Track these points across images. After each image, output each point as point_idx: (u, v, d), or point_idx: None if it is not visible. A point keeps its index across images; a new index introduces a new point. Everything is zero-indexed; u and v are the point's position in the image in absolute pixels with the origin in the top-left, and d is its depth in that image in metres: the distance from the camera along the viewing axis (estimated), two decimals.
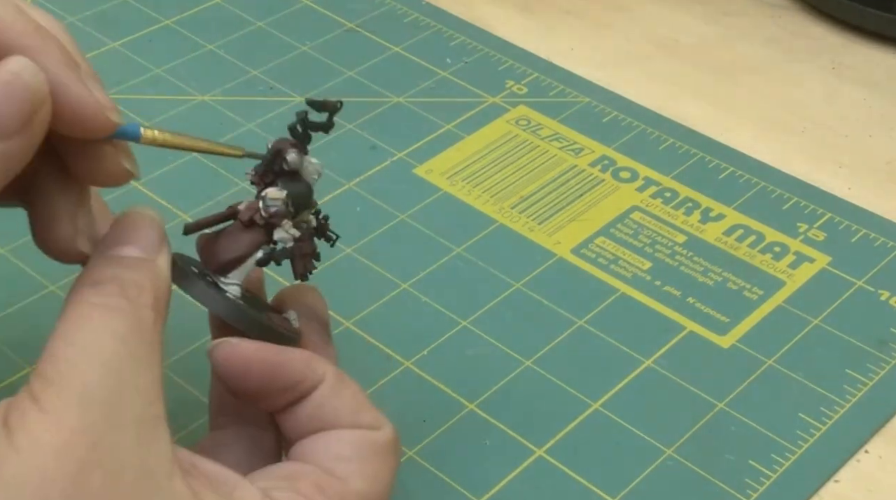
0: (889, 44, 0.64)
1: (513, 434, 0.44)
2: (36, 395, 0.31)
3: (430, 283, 0.50)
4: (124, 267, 0.34)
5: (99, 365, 0.32)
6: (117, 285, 0.33)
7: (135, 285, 0.34)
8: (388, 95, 0.59)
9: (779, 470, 0.43)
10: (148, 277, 0.34)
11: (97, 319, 0.33)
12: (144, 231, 0.35)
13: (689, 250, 0.52)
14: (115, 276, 0.34)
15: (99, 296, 0.33)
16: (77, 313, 0.33)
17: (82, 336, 0.32)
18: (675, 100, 0.60)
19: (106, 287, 0.33)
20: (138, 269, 0.34)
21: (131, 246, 0.35)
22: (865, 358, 0.47)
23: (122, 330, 0.33)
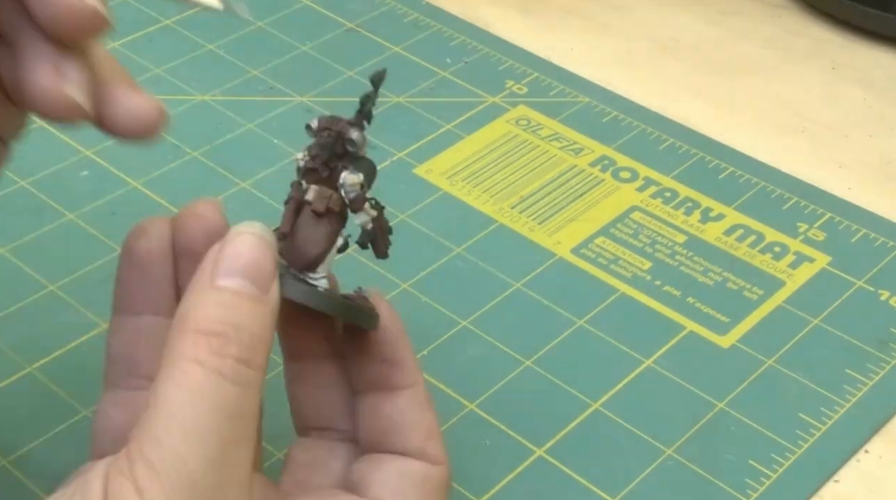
0: (889, 44, 0.64)
1: (513, 434, 0.44)
2: (141, 485, 0.30)
3: (430, 283, 0.50)
4: (240, 312, 0.32)
5: (209, 460, 0.31)
6: (234, 343, 0.32)
7: (250, 341, 0.32)
8: (388, 95, 0.59)
9: (779, 470, 0.43)
10: (264, 326, 0.33)
11: (210, 395, 0.31)
12: (259, 259, 0.33)
13: (689, 250, 0.52)
14: (232, 324, 0.32)
15: (213, 357, 0.31)
16: (190, 380, 0.31)
17: (193, 419, 0.31)
18: (675, 100, 0.60)
19: (220, 344, 0.32)
20: (254, 315, 0.33)
21: (246, 280, 0.33)
22: (865, 358, 0.47)
23: (234, 407, 0.31)
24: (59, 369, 0.46)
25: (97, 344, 0.47)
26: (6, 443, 0.43)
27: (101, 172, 0.54)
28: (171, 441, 0.31)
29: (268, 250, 0.34)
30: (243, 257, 0.33)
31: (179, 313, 0.33)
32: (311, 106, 0.58)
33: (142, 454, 0.31)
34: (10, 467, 0.43)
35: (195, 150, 0.55)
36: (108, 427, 0.37)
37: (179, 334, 0.32)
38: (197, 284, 0.33)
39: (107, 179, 0.54)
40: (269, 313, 0.33)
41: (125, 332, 0.37)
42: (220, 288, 0.33)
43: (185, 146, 0.56)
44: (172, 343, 0.32)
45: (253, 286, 0.33)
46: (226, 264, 0.33)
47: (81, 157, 0.55)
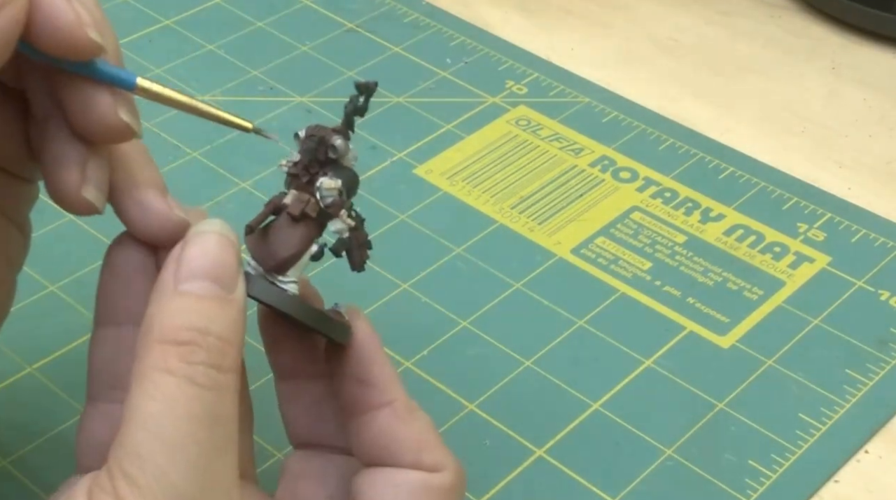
0: (889, 44, 0.64)
1: (513, 434, 0.44)
2: (122, 498, 0.30)
3: (430, 283, 0.50)
4: (207, 316, 0.32)
5: (189, 469, 0.30)
6: (202, 349, 0.31)
7: (220, 344, 0.32)
8: (388, 95, 0.59)
9: (779, 470, 0.43)
10: (232, 327, 0.32)
11: (184, 403, 0.31)
12: (223, 258, 0.33)
13: (689, 250, 0.52)
14: (197, 329, 0.32)
15: (183, 364, 0.31)
16: (163, 392, 0.31)
17: (169, 430, 0.30)
18: (675, 100, 0.60)
19: (189, 352, 0.31)
20: (222, 317, 0.32)
21: (209, 281, 0.32)
22: (865, 358, 0.47)
23: (210, 415, 0.31)
24: (59, 369, 0.46)
25: None
26: (6, 443, 0.43)
27: None
28: (151, 454, 0.30)
29: (230, 247, 0.33)
30: (205, 258, 0.33)
31: (145, 322, 0.32)
32: (311, 106, 0.58)
33: (122, 469, 0.30)
34: (10, 467, 0.43)
35: (195, 150, 0.55)
36: (92, 441, 0.36)
37: (146, 346, 0.32)
38: (159, 289, 0.33)
39: None
40: (235, 312, 0.33)
41: (106, 343, 0.36)
42: (182, 293, 0.32)
43: (185, 146, 0.56)
44: (141, 355, 0.32)
45: (217, 287, 0.33)
46: (187, 267, 0.33)
47: None
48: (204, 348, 0.32)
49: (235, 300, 0.33)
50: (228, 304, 0.33)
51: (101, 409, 0.36)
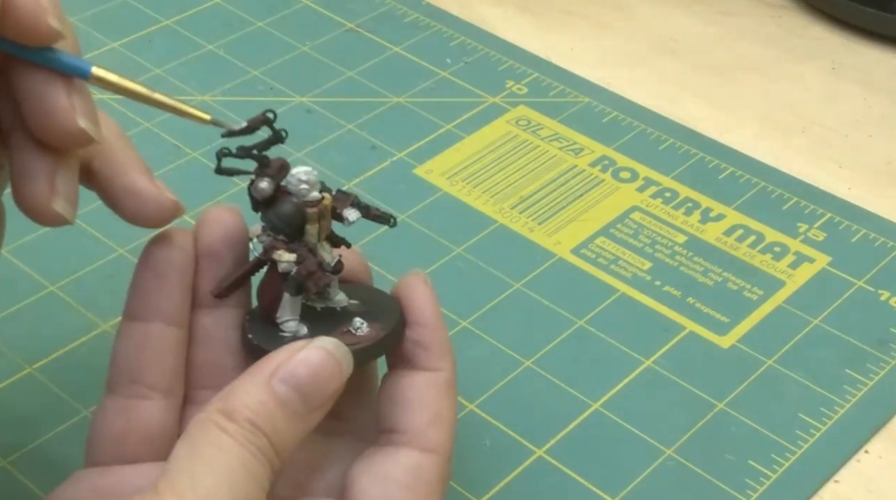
0: (889, 44, 0.64)
1: (513, 434, 0.44)
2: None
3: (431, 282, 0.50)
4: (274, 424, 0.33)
5: None
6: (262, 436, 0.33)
7: (271, 450, 0.33)
8: (388, 95, 0.59)
9: (779, 470, 0.43)
10: (289, 442, 0.34)
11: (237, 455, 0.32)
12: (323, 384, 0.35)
13: (689, 250, 0.52)
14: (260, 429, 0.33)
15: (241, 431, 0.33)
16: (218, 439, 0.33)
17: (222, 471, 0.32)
18: (675, 100, 0.60)
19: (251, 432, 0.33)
20: (286, 431, 0.34)
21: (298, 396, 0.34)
22: (865, 358, 0.47)
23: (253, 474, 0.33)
24: (59, 369, 0.46)
25: (97, 344, 0.47)
26: (6, 443, 0.43)
27: None
28: (207, 486, 0.31)
29: (337, 375, 0.35)
30: (309, 373, 0.34)
31: (225, 390, 0.34)
32: (311, 106, 0.58)
33: (174, 490, 0.31)
34: (10, 467, 0.43)
35: (195, 150, 0.55)
36: (105, 434, 0.37)
37: (216, 412, 0.33)
38: (257, 369, 0.34)
39: None
40: (301, 432, 0.34)
41: (133, 337, 0.37)
42: (271, 389, 0.34)
43: (185, 146, 0.56)
44: (206, 417, 0.33)
45: (301, 404, 0.34)
46: (291, 369, 0.34)
47: None
48: (265, 437, 0.33)
49: (309, 421, 0.34)
50: (300, 422, 0.34)
51: (118, 403, 0.37)
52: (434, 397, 0.37)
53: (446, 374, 0.38)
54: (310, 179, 0.37)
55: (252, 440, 0.33)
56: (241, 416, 0.33)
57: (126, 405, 0.37)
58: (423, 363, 0.38)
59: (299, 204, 0.37)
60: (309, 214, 0.37)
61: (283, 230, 0.37)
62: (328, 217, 0.38)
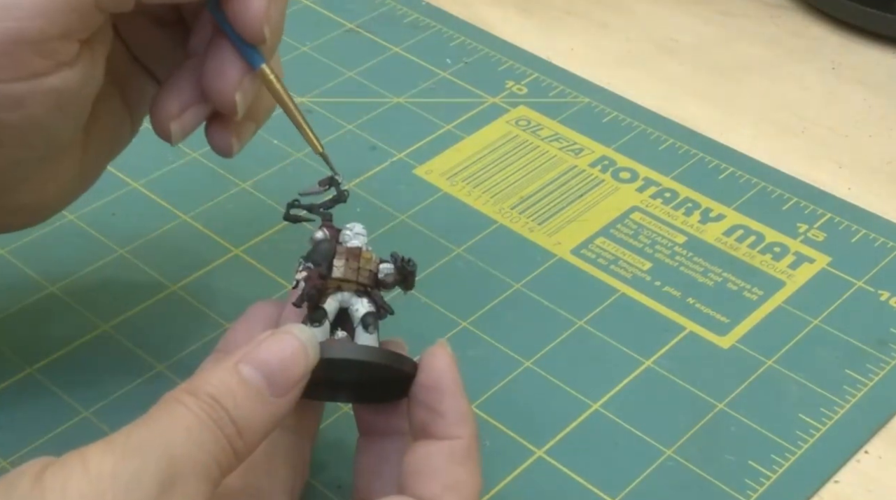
0: (889, 44, 0.64)
1: (513, 434, 0.44)
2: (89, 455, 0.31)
3: (431, 283, 0.50)
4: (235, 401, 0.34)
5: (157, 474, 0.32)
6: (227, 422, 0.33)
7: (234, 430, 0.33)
8: (388, 95, 0.59)
9: (779, 470, 0.43)
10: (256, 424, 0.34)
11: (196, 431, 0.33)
12: (289, 368, 0.35)
13: (689, 251, 0.52)
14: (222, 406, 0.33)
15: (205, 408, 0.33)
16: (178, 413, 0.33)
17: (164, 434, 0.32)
18: (675, 100, 0.60)
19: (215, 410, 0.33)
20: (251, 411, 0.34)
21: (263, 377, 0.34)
22: (865, 358, 0.47)
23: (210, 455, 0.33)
24: (60, 370, 0.46)
25: (97, 345, 0.47)
26: (6, 443, 0.43)
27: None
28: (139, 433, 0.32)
29: (303, 361, 0.35)
30: (274, 358, 0.35)
31: (193, 377, 0.34)
32: (311, 106, 0.58)
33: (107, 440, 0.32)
34: (9, 467, 0.42)
35: (195, 150, 0.55)
36: None
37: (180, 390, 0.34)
38: (225, 357, 0.35)
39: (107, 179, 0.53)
40: (270, 415, 0.34)
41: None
42: (236, 371, 0.34)
43: (185, 147, 0.56)
44: (168, 395, 0.34)
45: (266, 386, 0.34)
46: (256, 354, 0.35)
47: None
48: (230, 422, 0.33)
49: (276, 405, 0.35)
50: (266, 405, 0.34)
51: None
52: (449, 465, 0.37)
53: (464, 441, 0.37)
54: (356, 229, 0.40)
55: (206, 410, 0.33)
56: (201, 391, 0.33)
57: None
58: (440, 431, 0.37)
59: (335, 244, 0.40)
60: (337, 249, 0.39)
61: (316, 261, 0.39)
62: (360, 265, 0.39)
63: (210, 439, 0.33)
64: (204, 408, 0.33)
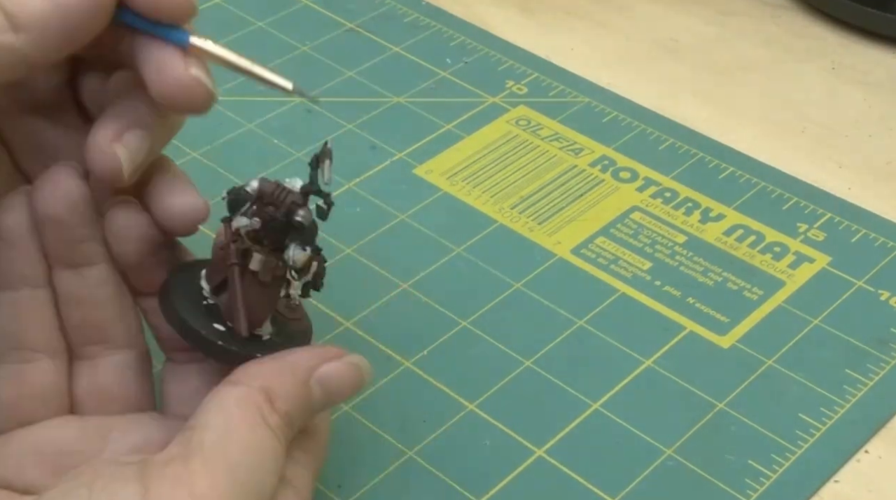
0: (889, 44, 0.64)
1: (513, 434, 0.44)
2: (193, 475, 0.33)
3: (430, 283, 0.50)
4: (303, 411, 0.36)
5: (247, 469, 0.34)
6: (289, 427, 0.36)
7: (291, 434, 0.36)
8: (388, 95, 0.59)
9: (779, 470, 0.43)
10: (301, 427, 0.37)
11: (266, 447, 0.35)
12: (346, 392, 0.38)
13: (689, 250, 0.52)
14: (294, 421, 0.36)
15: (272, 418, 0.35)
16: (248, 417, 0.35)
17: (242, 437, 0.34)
18: (675, 100, 0.60)
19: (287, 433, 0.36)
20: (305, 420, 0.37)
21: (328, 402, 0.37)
22: (865, 358, 0.47)
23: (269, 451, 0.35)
24: None
25: None
26: None
27: None
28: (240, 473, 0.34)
29: (357, 390, 0.38)
30: (344, 386, 0.38)
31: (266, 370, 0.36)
32: (311, 106, 0.58)
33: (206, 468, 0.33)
34: None
35: (195, 150, 0.55)
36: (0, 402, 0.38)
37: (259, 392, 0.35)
38: (298, 370, 0.37)
39: None
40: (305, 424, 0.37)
41: (5, 308, 0.38)
42: (310, 387, 0.37)
43: (185, 146, 0.56)
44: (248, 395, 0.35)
45: (322, 406, 0.37)
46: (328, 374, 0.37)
47: None
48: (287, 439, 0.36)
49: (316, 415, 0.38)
50: (313, 416, 0.37)
51: (6, 370, 0.38)
52: None
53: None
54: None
55: (287, 435, 0.35)
56: (281, 407, 0.35)
57: (14, 371, 0.37)
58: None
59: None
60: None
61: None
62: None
63: (283, 464, 0.35)
64: (285, 432, 0.35)
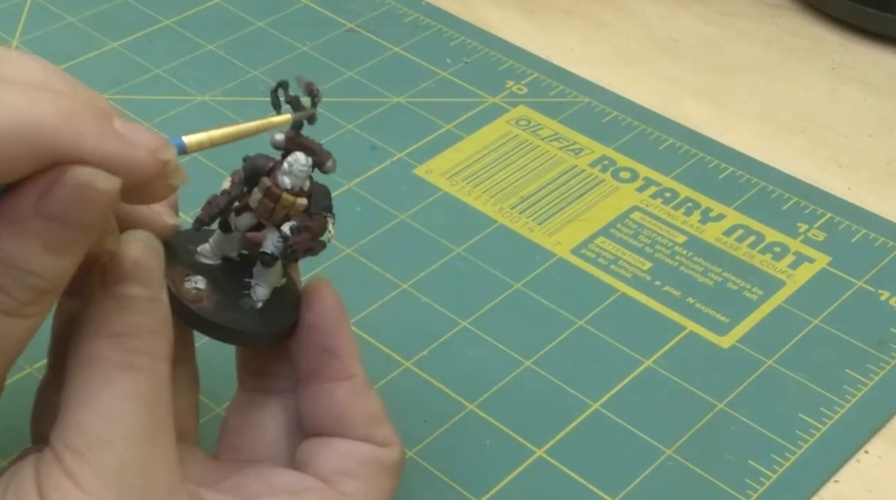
0: (889, 44, 0.64)
1: (513, 434, 0.44)
2: (71, 471, 0.32)
3: (430, 283, 0.50)
4: (137, 313, 0.34)
5: (131, 440, 0.32)
6: (136, 339, 0.34)
7: (151, 335, 0.34)
8: (388, 95, 0.59)
9: (779, 470, 0.43)
10: (160, 321, 0.34)
11: (121, 383, 0.33)
12: (149, 264, 0.35)
13: (689, 250, 0.52)
14: (130, 325, 0.34)
15: (118, 352, 0.33)
16: (99, 375, 0.33)
17: (110, 405, 0.32)
18: (675, 100, 0.60)
19: (124, 341, 0.33)
20: (151, 313, 0.34)
21: (139, 285, 0.34)
22: (865, 358, 0.47)
23: (146, 394, 0.33)
24: None
25: None
26: (6, 443, 0.43)
27: None
28: (92, 428, 0.32)
29: (156, 255, 0.35)
30: (134, 264, 0.35)
31: (79, 321, 0.34)
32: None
33: (66, 443, 0.32)
34: None
35: None
36: (47, 409, 0.38)
37: (82, 340, 0.34)
38: (92, 292, 0.35)
39: None
40: (164, 310, 0.35)
41: (62, 314, 0.38)
42: (115, 295, 0.34)
43: None
44: (76, 349, 0.34)
45: (145, 289, 0.34)
46: (117, 272, 0.34)
47: None
48: (138, 337, 0.34)
49: (162, 301, 0.35)
50: (157, 303, 0.35)
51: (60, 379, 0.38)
52: (362, 402, 0.37)
53: (361, 376, 0.38)
54: (294, 168, 0.37)
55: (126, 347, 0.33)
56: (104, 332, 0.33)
57: None
58: (335, 373, 0.37)
59: (269, 171, 0.38)
60: (261, 181, 0.38)
61: (247, 175, 0.38)
62: (275, 208, 0.37)
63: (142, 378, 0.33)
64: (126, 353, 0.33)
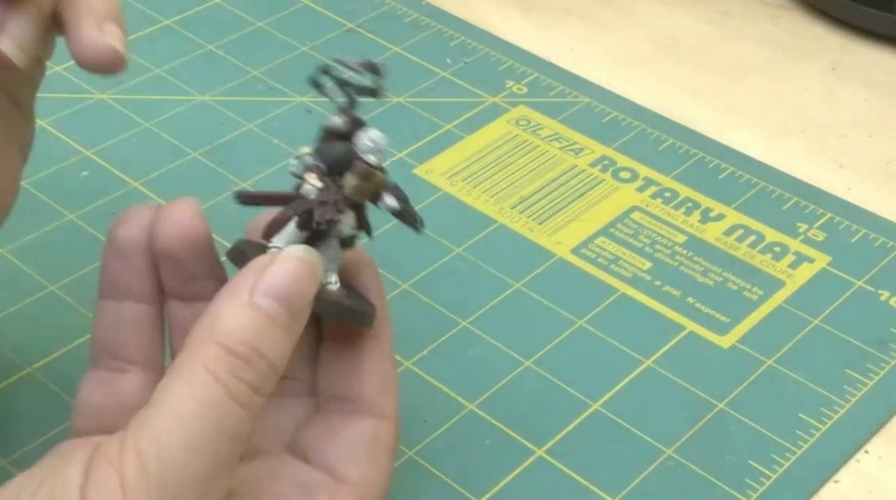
0: (889, 44, 0.64)
1: (513, 434, 0.44)
2: (127, 478, 0.30)
3: (430, 283, 0.50)
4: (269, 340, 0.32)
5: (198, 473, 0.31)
6: (253, 370, 0.32)
7: (269, 371, 0.33)
8: (388, 95, 0.59)
9: (779, 470, 0.43)
10: (283, 357, 0.33)
11: (218, 416, 0.31)
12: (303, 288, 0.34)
13: (689, 250, 0.52)
14: (257, 350, 0.32)
15: (232, 377, 0.32)
16: (204, 393, 0.31)
17: (198, 435, 0.31)
18: (675, 100, 0.60)
19: (243, 368, 0.32)
20: (281, 345, 0.33)
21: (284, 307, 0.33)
22: (865, 358, 0.47)
23: (234, 431, 0.32)
24: (60, 369, 0.46)
25: None
26: (6, 443, 0.43)
27: (101, 173, 0.54)
28: (171, 446, 0.31)
29: (312, 279, 0.34)
30: (288, 281, 0.33)
31: (208, 316, 0.33)
32: (311, 106, 0.58)
33: (137, 448, 0.31)
34: (10, 467, 0.43)
35: (195, 150, 0.55)
36: (87, 405, 0.38)
37: (204, 342, 0.32)
38: (233, 292, 0.33)
39: (107, 179, 0.54)
40: (292, 344, 0.33)
41: (108, 316, 0.38)
42: (256, 306, 0.33)
43: (185, 146, 0.56)
44: (195, 347, 0.32)
45: (288, 315, 0.33)
46: (269, 283, 0.33)
47: (81, 157, 0.55)
48: (255, 370, 0.32)
49: (296, 331, 0.34)
50: (291, 334, 0.33)
51: (100, 376, 0.38)
52: (381, 364, 0.37)
53: (388, 339, 0.38)
54: (378, 143, 0.36)
55: (240, 376, 0.32)
56: (235, 339, 0.32)
57: (106, 378, 0.38)
58: (367, 330, 0.37)
59: (354, 153, 0.36)
60: (357, 166, 0.36)
61: (329, 166, 0.36)
62: (369, 188, 0.36)
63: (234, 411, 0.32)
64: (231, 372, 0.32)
